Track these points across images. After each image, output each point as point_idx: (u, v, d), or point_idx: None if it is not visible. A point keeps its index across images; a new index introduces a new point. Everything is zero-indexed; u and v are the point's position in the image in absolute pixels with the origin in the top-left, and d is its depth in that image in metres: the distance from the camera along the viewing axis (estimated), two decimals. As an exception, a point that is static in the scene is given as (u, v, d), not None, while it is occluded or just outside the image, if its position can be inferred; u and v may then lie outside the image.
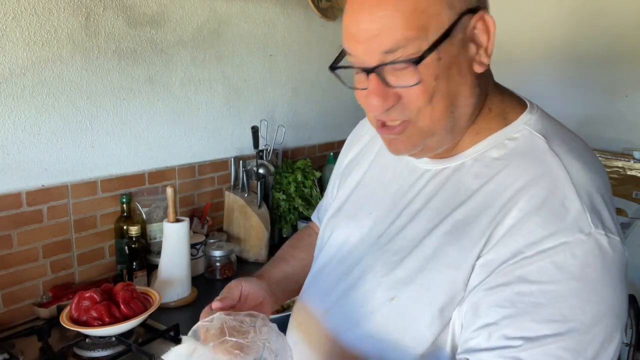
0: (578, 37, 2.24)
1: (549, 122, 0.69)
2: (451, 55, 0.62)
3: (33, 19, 1.33)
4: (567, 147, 0.65)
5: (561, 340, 0.55)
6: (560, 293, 0.56)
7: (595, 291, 0.57)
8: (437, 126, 0.65)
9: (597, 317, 0.57)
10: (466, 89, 0.65)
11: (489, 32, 0.64)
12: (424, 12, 0.59)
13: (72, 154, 1.45)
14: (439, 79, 0.62)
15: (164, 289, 1.42)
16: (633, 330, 1.96)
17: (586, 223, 0.58)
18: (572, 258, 0.57)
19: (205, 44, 1.79)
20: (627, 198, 2.11)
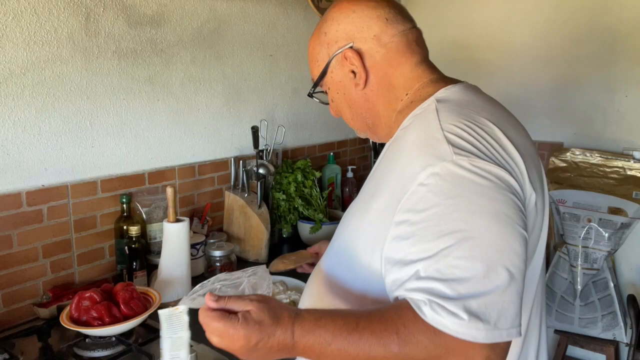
0: (578, 36, 2.24)
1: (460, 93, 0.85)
2: (333, 83, 0.94)
3: (33, 19, 1.33)
4: (453, 105, 0.80)
5: (454, 250, 0.65)
6: (441, 212, 0.68)
7: (470, 203, 0.68)
8: (355, 125, 0.98)
9: (481, 223, 0.67)
10: (356, 102, 0.93)
11: (357, 61, 0.88)
12: (313, 61, 0.96)
13: (72, 154, 1.45)
14: (334, 100, 0.96)
15: (164, 289, 1.42)
16: (633, 330, 1.96)
17: (448, 152, 0.71)
18: (442, 181, 0.69)
19: (205, 44, 1.79)
20: (627, 198, 2.11)
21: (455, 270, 0.64)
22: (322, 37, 0.92)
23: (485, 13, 2.44)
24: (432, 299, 0.64)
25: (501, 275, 0.65)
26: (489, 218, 0.67)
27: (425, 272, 0.66)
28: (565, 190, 2.22)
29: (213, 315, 0.71)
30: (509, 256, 0.66)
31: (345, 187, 2.40)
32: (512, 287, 0.65)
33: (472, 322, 0.62)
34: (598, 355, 2.25)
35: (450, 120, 0.76)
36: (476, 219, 0.67)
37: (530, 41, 2.36)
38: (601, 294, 2.17)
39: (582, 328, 2.19)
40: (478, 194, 0.68)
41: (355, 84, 0.90)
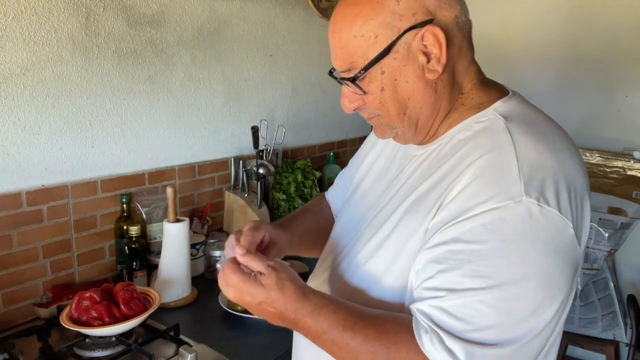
0: (578, 37, 2.24)
1: (521, 108, 0.75)
2: (394, 68, 0.72)
3: (33, 19, 1.33)
4: (525, 127, 0.70)
5: (481, 294, 0.61)
6: (486, 252, 0.62)
7: (519, 253, 0.62)
8: (396, 123, 0.78)
9: (520, 278, 0.61)
10: (418, 93, 0.74)
11: (439, 43, 0.71)
12: (363, 37, 0.71)
13: (72, 154, 1.45)
14: (385, 89, 0.74)
15: (164, 289, 1.42)
16: (633, 330, 1.96)
17: (518, 191, 0.62)
18: (500, 221, 0.62)
19: (205, 44, 1.79)
20: (627, 198, 2.11)
21: (472, 312, 0.62)
22: (389, 5, 0.70)
23: (484, 14, 2.44)
24: (436, 330, 0.63)
25: (517, 334, 0.61)
26: (530, 276, 0.62)
27: (443, 303, 0.63)
28: (565, 190, 2.22)
29: (233, 269, 0.73)
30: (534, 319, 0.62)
31: (345, 187, 2.40)
32: (524, 349, 0.62)
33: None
34: (598, 355, 2.25)
35: (527, 151, 0.66)
36: (517, 273, 0.61)
37: (530, 41, 2.36)
38: (601, 294, 2.17)
39: (582, 328, 2.19)
40: (532, 246, 0.62)
41: (428, 70, 0.72)
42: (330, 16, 0.78)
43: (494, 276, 0.61)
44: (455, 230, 0.65)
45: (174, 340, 1.25)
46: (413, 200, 0.75)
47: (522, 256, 0.62)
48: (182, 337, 1.25)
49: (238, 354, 1.21)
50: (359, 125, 2.59)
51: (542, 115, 0.77)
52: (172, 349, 1.22)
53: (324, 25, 2.28)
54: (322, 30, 2.29)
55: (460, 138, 0.74)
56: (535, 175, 0.64)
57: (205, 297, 1.51)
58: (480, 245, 0.63)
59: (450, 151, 0.74)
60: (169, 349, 1.22)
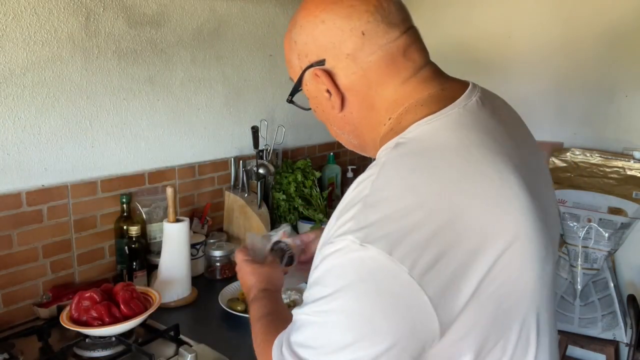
0: (578, 37, 2.24)
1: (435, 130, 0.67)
2: (311, 96, 0.79)
3: (33, 19, 1.33)
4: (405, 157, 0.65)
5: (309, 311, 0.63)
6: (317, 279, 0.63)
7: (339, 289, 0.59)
8: (340, 139, 0.85)
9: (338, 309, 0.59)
10: (337, 122, 0.79)
11: (328, 82, 0.73)
12: (287, 62, 0.80)
13: (72, 154, 1.45)
14: (315, 111, 0.83)
15: (164, 289, 1.42)
16: (633, 330, 1.96)
17: (349, 230, 0.59)
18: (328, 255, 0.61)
19: (205, 44, 1.79)
20: (627, 198, 2.11)
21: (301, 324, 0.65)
22: (292, 43, 0.76)
23: (485, 14, 2.44)
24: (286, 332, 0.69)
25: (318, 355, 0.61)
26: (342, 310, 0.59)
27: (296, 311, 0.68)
28: (565, 190, 2.22)
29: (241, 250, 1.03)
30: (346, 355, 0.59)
31: (345, 187, 2.39)
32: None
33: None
34: (598, 355, 2.25)
35: (383, 185, 0.62)
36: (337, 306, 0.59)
37: (530, 41, 2.36)
38: (601, 294, 2.17)
39: (582, 328, 2.19)
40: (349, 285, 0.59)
41: (331, 105, 0.76)
42: None
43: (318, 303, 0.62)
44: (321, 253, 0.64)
45: (174, 340, 1.25)
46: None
47: (341, 293, 0.59)
48: (182, 337, 1.25)
49: (238, 354, 1.21)
50: (359, 125, 2.59)
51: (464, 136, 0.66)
52: (172, 349, 1.22)
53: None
54: (322, 30, 2.29)
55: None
56: (376, 212, 0.59)
57: (205, 297, 1.51)
58: (317, 271, 0.63)
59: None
60: (169, 349, 1.22)
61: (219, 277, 1.64)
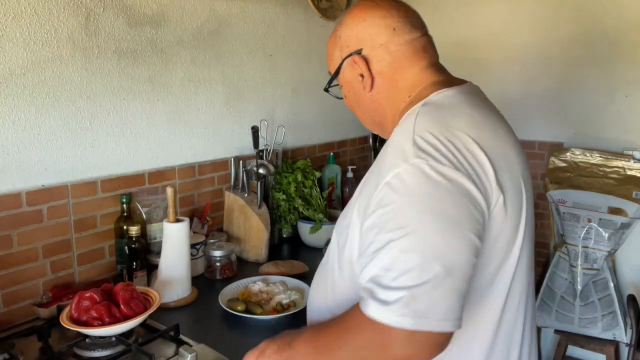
0: (578, 37, 2.24)
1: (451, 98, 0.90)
2: (345, 82, 1.02)
3: (33, 19, 1.33)
4: (434, 109, 0.87)
5: (399, 243, 0.74)
6: (396, 208, 0.76)
7: (420, 202, 0.75)
8: (364, 123, 1.07)
9: (424, 222, 0.74)
10: (366, 102, 1.00)
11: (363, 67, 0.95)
12: (329, 57, 1.03)
13: (72, 154, 1.45)
14: (347, 97, 1.05)
15: (164, 289, 1.42)
16: (633, 330, 1.96)
17: (411, 155, 0.78)
18: (401, 181, 0.77)
19: (205, 44, 1.79)
20: (627, 198, 2.11)
21: (395, 262, 0.73)
22: (337, 39, 1.00)
23: (485, 13, 2.44)
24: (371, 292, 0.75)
25: (435, 270, 0.72)
26: (433, 218, 0.74)
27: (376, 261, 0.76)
28: (565, 190, 2.22)
29: None
30: (447, 255, 0.73)
31: (345, 187, 2.40)
32: (446, 282, 0.72)
33: (400, 309, 0.71)
34: (598, 355, 2.25)
35: (423, 124, 0.83)
36: (422, 218, 0.74)
37: (530, 41, 2.36)
38: (601, 294, 2.17)
39: (582, 328, 2.19)
40: (429, 195, 0.75)
41: (362, 86, 0.97)
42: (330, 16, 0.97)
43: (405, 226, 0.74)
44: (376, 199, 0.80)
45: (174, 340, 1.25)
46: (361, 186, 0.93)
47: (423, 205, 0.75)
48: (182, 337, 1.25)
49: (238, 354, 1.20)
50: (358, 125, 2.59)
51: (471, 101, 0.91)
52: (172, 349, 1.22)
53: (324, 25, 2.29)
54: (322, 30, 2.29)
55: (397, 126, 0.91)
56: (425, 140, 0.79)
57: (205, 297, 1.51)
58: (392, 205, 0.77)
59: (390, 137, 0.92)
60: (169, 349, 1.22)
61: (219, 277, 1.64)
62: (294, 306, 1.41)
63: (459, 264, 0.73)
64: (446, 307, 0.71)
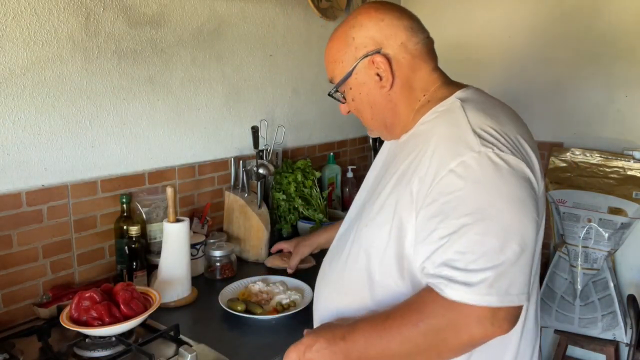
0: (578, 36, 2.24)
1: (476, 94, 0.96)
2: (357, 84, 1.00)
3: (33, 19, 1.33)
4: (475, 104, 0.91)
5: (474, 227, 0.78)
6: (465, 194, 0.80)
7: (491, 187, 0.80)
8: (372, 125, 1.06)
9: (497, 205, 0.79)
10: (378, 103, 1.00)
11: (384, 66, 0.96)
12: (336, 61, 1.01)
13: (72, 154, 1.45)
14: (355, 100, 1.03)
15: (164, 289, 1.42)
16: (633, 330, 1.96)
17: (476, 144, 0.82)
18: (468, 168, 0.81)
19: (205, 44, 1.79)
20: (627, 198, 2.11)
21: (473, 245, 0.77)
22: (349, 40, 0.99)
23: (485, 13, 2.44)
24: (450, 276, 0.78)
25: (513, 249, 0.77)
26: (505, 201, 0.79)
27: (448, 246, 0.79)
28: (565, 190, 2.22)
29: None
30: (521, 234, 0.78)
31: (345, 187, 2.40)
32: (522, 259, 0.78)
33: (485, 289, 0.75)
34: (598, 355, 2.25)
35: (477, 117, 0.87)
36: (494, 201, 0.79)
37: (530, 41, 2.36)
38: (601, 294, 2.17)
39: (582, 328, 2.19)
40: (499, 180, 0.80)
41: (381, 86, 0.98)
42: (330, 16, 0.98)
43: (477, 210, 0.78)
44: (438, 188, 0.82)
45: (174, 340, 1.25)
46: (397, 176, 0.94)
47: (494, 189, 0.80)
48: (182, 337, 1.25)
49: (238, 354, 1.21)
50: (358, 125, 2.59)
51: (492, 99, 0.99)
52: (172, 349, 1.22)
53: (324, 26, 2.29)
54: (322, 30, 2.29)
55: (428, 119, 0.95)
56: (485, 132, 0.84)
57: (205, 297, 1.51)
58: (460, 191, 0.80)
59: (419, 130, 0.96)
60: (169, 349, 1.22)
61: (219, 277, 1.64)
62: (294, 306, 1.41)
63: (528, 241, 0.79)
64: (523, 281, 0.78)
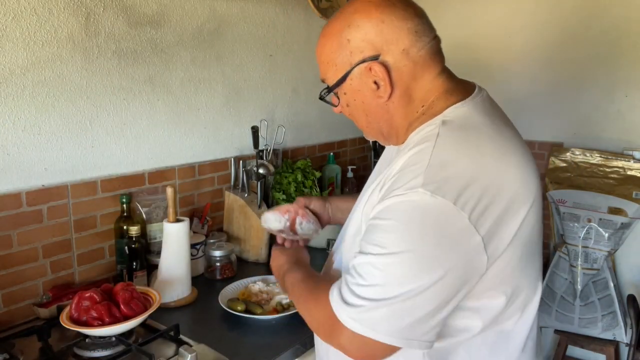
0: (578, 37, 2.24)
1: (469, 112, 0.85)
2: (352, 90, 0.90)
3: (33, 19, 1.33)
4: (455, 130, 0.82)
5: (374, 258, 0.77)
6: (385, 227, 0.77)
7: (407, 231, 0.75)
8: (368, 132, 0.97)
9: (402, 250, 0.75)
10: (374, 112, 0.91)
11: (383, 75, 0.85)
12: (329, 63, 0.90)
13: (72, 154, 1.45)
14: (350, 105, 0.93)
15: (164, 289, 1.42)
16: (633, 330, 1.96)
17: (418, 183, 0.75)
18: (398, 205, 0.76)
19: (205, 44, 1.79)
20: (627, 198, 2.11)
21: (366, 271, 0.77)
22: (343, 42, 0.87)
23: (485, 14, 2.44)
24: (342, 284, 0.81)
25: (394, 294, 0.74)
26: (411, 250, 0.74)
27: (353, 261, 0.80)
28: (565, 190, 2.22)
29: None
30: (410, 283, 0.74)
31: (345, 187, 2.40)
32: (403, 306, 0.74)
33: (355, 314, 0.76)
34: (598, 355, 2.25)
35: (442, 151, 0.78)
36: (401, 246, 0.75)
37: (530, 41, 2.36)
38: (601, 294, 2.17)
39: (582, 328, 2.20)
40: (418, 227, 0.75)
41: (377, 96, 0.87)
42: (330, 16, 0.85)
43: (385, 246, 0.76)
44: (377, 209, 0.80)
45: (174, 340, 1.25)
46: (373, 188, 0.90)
47: (409, 234, 0.75)
48: (182, 337, 1.25)
49: (238, 354, 1.21)
50: (359, 125, 2.59)
51: (491, 120, 0.86)
52: (172, 349, 1.22)
53: (323, 25, 2.28)
54: (322, 30, 2.29)
55: (414, 139, 0.86)
56: (441, 171, 0.76)
57: (205, 297, 1.51)
58: (383, 221, 0.78)
59: (400, 151, 0.89)
60: (169, 349, 1.22)
61: (219, 277, 1.64)
62: (294, 306, 1.41)
63: (421, 294, 0.74)
64: (399, 326, 0.75)
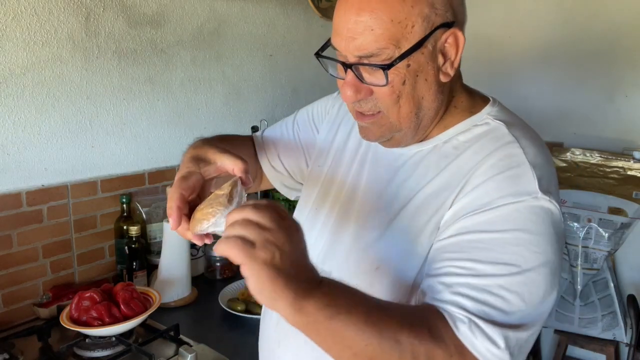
0: (578, 37, 2.23)
1: (508, 114, 0.80)
2: (419, 63, 0.69)
3: (33, 19, 1.33)
4: (522, 132, 0.75)
5: (503, 280, 0.64)
6: (506, 240, 0.66)
7: (538, 242, 0.66)
8: (403, 123, 0.74)
9: (538, 265, 0.66)
10: (431, 94, 0.72)
11: (457, 47, 0.71)
12: (400, 23, 0.66)
13: (72, 154, 1.45)
14: (406, 83, 0.69)
15: (164, 289, 1.42)
16: (633, 330, 1.96)
17: (534, 189, 0.67)
18: (519, 213, 0.66)
19: (205, 44, 1.79)
20: (627, 198, 2.11)
21: (500, 300, 0.64)
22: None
23: (485, 13, 2.44)
24: (473, 320, 0.63)
25: (534, 318, 0.66)
26: (545, 263, 0.66)
27: (468, 291, 0.64)
28: (565, 190, 2.22)
29: None
30: (546, 303, 0.67)
31: (345, 187, 2.40)
32: (535, 330, 0.67)
33: (503, 353, 0.62)
34: (598, 355, 2.25)
35: (534, 155, 0.71)
36: (536, 260, 0.66)
37: (530, 41, 2.35)
38: (601, 294, 2.17)
39: (582, 328, 2.19)
40: (546, 237, 0.67)
41: (442, 72, 0.71)
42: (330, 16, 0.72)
43: (515, 263, 0.65)
44: (471, 221, 0.68)
45: (174, 340, 1.25)
46: (423, 199, 0.75)
47: (539, 245, 0.66)
48: (182, 337, 1.25)
49: (238, 354, 1.21)
50: (359, 125, 2.59)
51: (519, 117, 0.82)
52: (172, 349, 1.22)
53: (324, 25, 2.28)
54: (322, 30, 2.28)
55: (461, 140, 0.76)
56: (543, 175, 0.70)
57: (205, 297, 1.51)
58: (500, 234, 0.66)
59: (454, 152, 0.76)
60: (169, 349, 1.22)
61: (219, 277, 1.64)
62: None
63: (544, 313, 0.68)
64: (526, 351, 0.69)
